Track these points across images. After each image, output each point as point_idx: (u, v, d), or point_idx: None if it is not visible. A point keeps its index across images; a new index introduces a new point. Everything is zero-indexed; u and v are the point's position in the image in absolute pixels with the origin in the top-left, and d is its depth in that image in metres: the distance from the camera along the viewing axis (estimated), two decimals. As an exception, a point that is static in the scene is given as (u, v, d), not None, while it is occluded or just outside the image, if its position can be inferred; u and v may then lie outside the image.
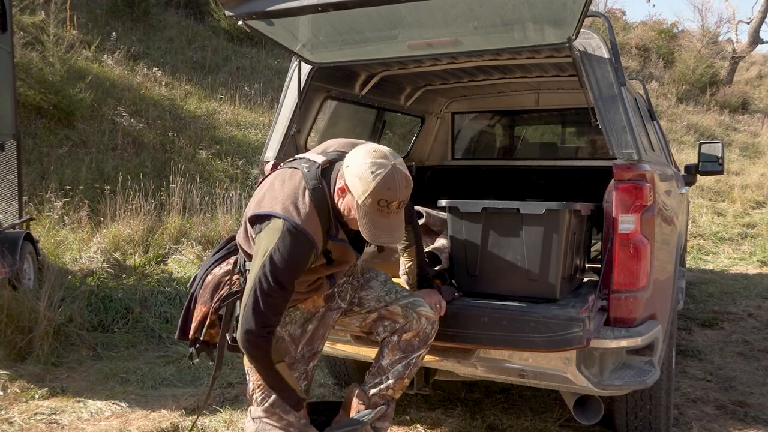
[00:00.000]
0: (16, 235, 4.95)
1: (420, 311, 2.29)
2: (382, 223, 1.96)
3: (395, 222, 1.99)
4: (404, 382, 2.31)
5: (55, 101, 7.92)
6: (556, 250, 2.39)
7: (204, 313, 2.25)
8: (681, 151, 12.91)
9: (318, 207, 2.00)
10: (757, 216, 10.38)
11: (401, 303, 2.31)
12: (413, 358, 2.29)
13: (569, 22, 2.31)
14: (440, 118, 4.73)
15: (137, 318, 4.79)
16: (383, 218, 1.95)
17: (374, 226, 1.96)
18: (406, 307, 2.29)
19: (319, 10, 2.28)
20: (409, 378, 2.32)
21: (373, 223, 1.95)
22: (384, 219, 1.96)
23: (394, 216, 1.97)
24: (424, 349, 2.31)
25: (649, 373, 2.39)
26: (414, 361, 2.29)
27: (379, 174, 1.91)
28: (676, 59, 18.28)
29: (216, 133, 9.47)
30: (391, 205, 1.93)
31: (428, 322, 2.29)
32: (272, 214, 1.97)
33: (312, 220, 1.97)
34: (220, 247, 2.41)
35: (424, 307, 2.30)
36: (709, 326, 5.09)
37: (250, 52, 12.93)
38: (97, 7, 11.64)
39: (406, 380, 2.31)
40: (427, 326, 2.29)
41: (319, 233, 2.00)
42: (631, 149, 2.43)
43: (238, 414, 3.28)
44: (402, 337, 2.28)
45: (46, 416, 3.28)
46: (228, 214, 6.90)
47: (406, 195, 1.98)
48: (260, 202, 2.04)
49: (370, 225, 1.95)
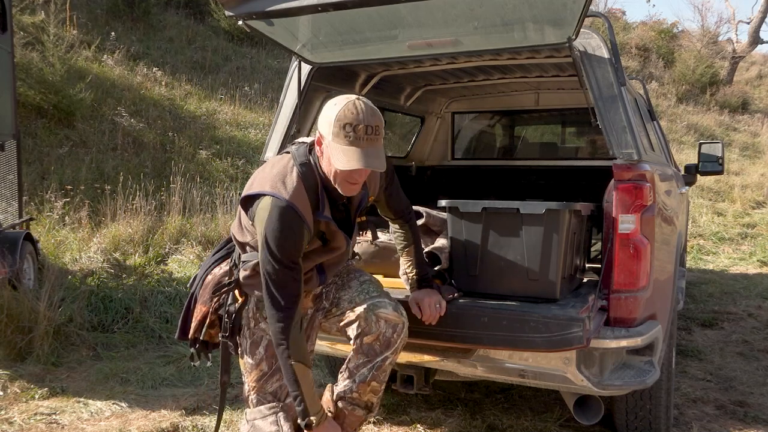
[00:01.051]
0: (16, 235, 4.95)
1: (379, 313, 2.17)
2: (353, 151, 1.90)
3: (370, 150, 1.91)
4: (372, 385, 2.21)
5: (55, 101, 7.92)
6: (556, 250, 2.39)
7: (204, 313, 2.25)
8: (681, 151, 12.91)
9: (306, 182, 2.01)
10: (757, 216, 10.38)
11: (364, 305, 2.20)
12: (377, 362, 2.19)
13: (569, 22, 2.31)
14: (440, 118, 4.73)
15: (137, 318, 4.79)
16: (353, 146, 1.90)
17: (344, 154, 1.90)
18: (367, 309, 2.19)
19: (319, 10, 2.28)
20: (379, 382, 2.22)
21: (344, 152, 1.90)
22: (354, 147, 1.90)
23: (365, 143, 1.90)
24: (389, 352, 2.19)
25: (649, 373, 2.39)
26: (379, 365, 2.19)
27: (339, 104, 1.93)
28: (676, 59, 18.29)
29: (216, 133, 9.47)
30: (357, 129, 1.89)
31: (387, 325, 2.17)
32: (261, 193, 1.99)
33: (299, 194, 1.98)
34: (220, 247, 2.41)
35: (385, 309, 2.18)
36: (709, 326, 5.09)
37: (250, 52, 12.93)
38: (97, 7, 11.64)
39: (374, 383, 2.21)
40: (386, 330, 2.17)
41: (308, 208, 2.00)
42: (631, 149, 2.43)
43: (238, 414, 3.28)
44: (363, 340, 2.19)
45: (46, 416, 3.28)
46: (228, 214, 6.90)
47: (374, 122, 1.92)
48: (251, 185, 2.08)
49: (341, 155, 1.91)
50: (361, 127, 1.90)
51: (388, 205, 2.38)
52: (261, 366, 2.18)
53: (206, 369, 3.90)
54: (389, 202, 2.37)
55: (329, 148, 1.96)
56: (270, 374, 2.17)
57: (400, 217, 2.42)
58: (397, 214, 2.41)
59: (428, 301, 2.33)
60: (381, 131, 1.96)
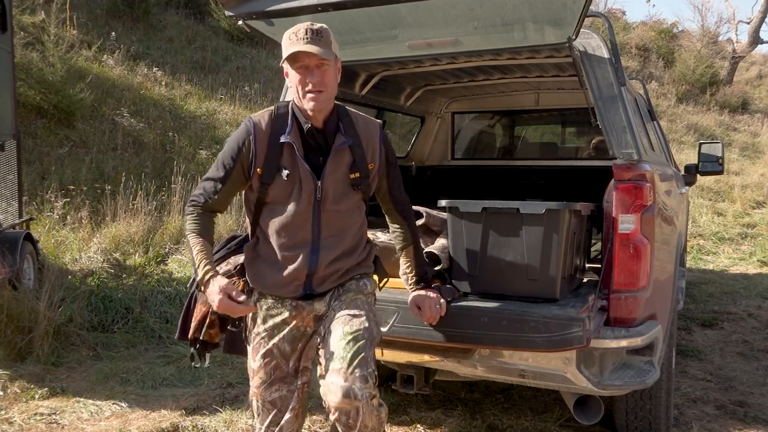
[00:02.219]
0: (16, 235, 4.95)
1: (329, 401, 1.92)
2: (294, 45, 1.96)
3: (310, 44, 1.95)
4: None
5: (55, 101, 7.92)
6: (556, 250, 2.39)
7: (204, 312, 2.25)
8: (681, 151, 12.91)
9: (277, 110, 2.10)
10: (757, 216, 10.38)
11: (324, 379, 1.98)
12: None
13: (569, 22, 2.31)
14: (440, 118, 4.73)
15: (137, 318, 4.79)
16: (294, 43, 1.96)
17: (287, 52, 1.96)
18: (323, 388, 1.97)
19: (319, 10, 2.29)
20: None
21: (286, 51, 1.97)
22: (296, 44, 1.96)
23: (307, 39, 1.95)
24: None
25: (649, 373, 2.39)
26: None
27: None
28: (676, 59, 18.30)
29: (216, 133, 9.48)
30: (298, 33, 1.95)
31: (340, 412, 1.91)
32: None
33: (262, 114, 2.09)
34: (220, 247, 2.40)
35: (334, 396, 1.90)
36: (709, 326, 5.09)
37: (250, 52, 12.93)
38: (97, 7, 11.64)
39: None
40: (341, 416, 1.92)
41: (266, 125, 2.05)
42: (631, 149, 2.43)
43: (238, 414, 3.28)
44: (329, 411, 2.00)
45: (46, 416, 3.28)
46: (228, 214, 6.90)
47: (316, 27, 1.97)
48: None
49: (286, 55, 1.97)
50: (301, 31, 1.96)
51: (390, 193, 2.27)
52: (260, 373, 2.14)
53: (206, 369, 3.89)
54: (391, 190, 2.26)
55: (284, 64, 2.02)
56: (269, 383, 2.13)
57: (400, 212, 2.33)
58: (397, 206, 2.31)
59: (428, 302, 2.31)
60: (325, 33, 1.98)
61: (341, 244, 2.10)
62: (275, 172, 2.04)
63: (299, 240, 2.06)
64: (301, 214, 2.04)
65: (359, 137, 2.12)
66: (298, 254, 2.06)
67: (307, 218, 2.05)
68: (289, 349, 2.14)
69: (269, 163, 2.04)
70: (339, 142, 2.07)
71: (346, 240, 2.11)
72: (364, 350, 1.97)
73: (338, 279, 2.13)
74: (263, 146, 2.04)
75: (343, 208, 2.08)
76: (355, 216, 2.14)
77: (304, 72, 1.98)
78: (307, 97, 2.00)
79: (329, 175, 2.05)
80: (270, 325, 2.12)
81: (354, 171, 2.10)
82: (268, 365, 2.13)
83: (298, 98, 2.04)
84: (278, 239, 2.07)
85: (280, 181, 2.04)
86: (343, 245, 2.10)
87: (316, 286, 2.10)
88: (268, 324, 2.12)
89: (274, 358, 2.12)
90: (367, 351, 1.99)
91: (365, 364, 1.95)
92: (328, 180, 2.05)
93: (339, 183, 2.07)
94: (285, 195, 2.05)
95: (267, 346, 2.12)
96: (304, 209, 2.04)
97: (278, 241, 2.07)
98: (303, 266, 2.06)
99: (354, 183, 2.09)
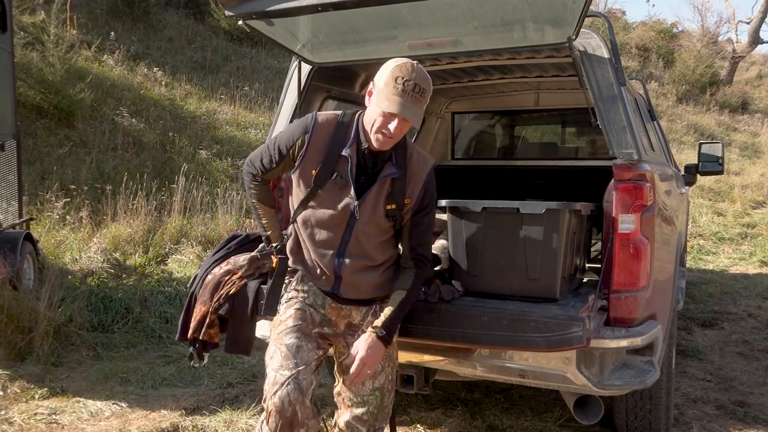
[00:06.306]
0: (16, 235, 4.95)
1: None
2: (397, 99, 1.96)
3: (411, 106, 1.98)
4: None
5: (55, 101, 7.91)
6: (556, 250, 2.39)
7: (203, 312, 2.26)
8: (681, 151, 12.91)
9: (342, 118, 2.16)
10: (757, 216, 10.38)
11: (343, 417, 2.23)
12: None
13: (569, 22, 2.31)
14: (440, 118, 4.73)
15: (137, 318, 4.79)
16: (398, 96, 1.96)
17: (388, 99, 1.97)
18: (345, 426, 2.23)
19: (319, 10, 2.28)
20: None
21: (389, 98, 1.97)
22: (399, 97, 1.96)
23: (410, 98, 1.96)
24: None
25: (649, 373, 2.39)
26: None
27: (400, 61, 2.02)
28: (676, 59, 18.31)
29: (216, 133, 9.48)
30: (407, 83, 1.96)
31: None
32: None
33: (327, 117, 2.16)
34: (220, 247, 2.41)
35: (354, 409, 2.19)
36: (709, 326, 5.09)
37: (250, 52, 12.93)
38: (97, 7, 11.64)
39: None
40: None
41: (329, 124, 2.13)
42: (631, 149, 2.43)
43: (238, 414, 3.28)
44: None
45: (46, 416, 3.28)
46: (228, 214, 6.90)
47: (424, 84, 1.99)
48: None
49: (385, 99, 1.98)
50: (411, 83, 1.97)
51: (410, 233, 2.22)
52: (286, 322, 2.16)
53: (206, 369, 3.90)
54: (411, 230, 2.21)
55: (378, 93, 2.02)
56: (291, 330, 2.14)
57: (413, 258, 2.23)
58: (412, 251, 2.22)
59: (364, 359, 2.09)
60: (426, 96, 2.02)
61: (366, 259, 2.17)
62: (329, 177, 2.12)
63: (329, 242, 2.16)
64: (336, 221, 2.13)
65: (407, 170, 2.17)
66: (328, 252, 2.17)
67: (341, 228, 2.14)
68: (318, 321, 2.20)
69: (326, 167, 2.12)
70: (387, 172, 2.13)
71: (371, 257, 2.18)
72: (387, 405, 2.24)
73: (369, 293, 2.21)
74: (319, 148, 2.12)
75: (372, 231, 2.15)
76: (383, 239, 2.20)
77: (388, 117, 2.01)
78: (377, 136, 2.05)
79: (369, 198, 2.12)
80: (311, 298, 2.21)
81: (391, 202, 2.15)
82: (296, 317, 2.17)
83: (369, 124, 2.07)
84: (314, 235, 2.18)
85: (331, 186, 2.12)
86: (367, 261, 2.17)
87: (344, 291, 2.19)
88: (309, 296, 2.22)
89: (304, 318, 2.18)
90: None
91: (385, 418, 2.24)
92: (367, 203, 2.12)
93: (375, 208, 2.14)
94: (329, 200, 2.12)
95: (302, 305, 2.19)
96: (339, 220, 2.13)
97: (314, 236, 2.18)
98: (330, 264, 2.16)
99: (388, 213, 2.15)
